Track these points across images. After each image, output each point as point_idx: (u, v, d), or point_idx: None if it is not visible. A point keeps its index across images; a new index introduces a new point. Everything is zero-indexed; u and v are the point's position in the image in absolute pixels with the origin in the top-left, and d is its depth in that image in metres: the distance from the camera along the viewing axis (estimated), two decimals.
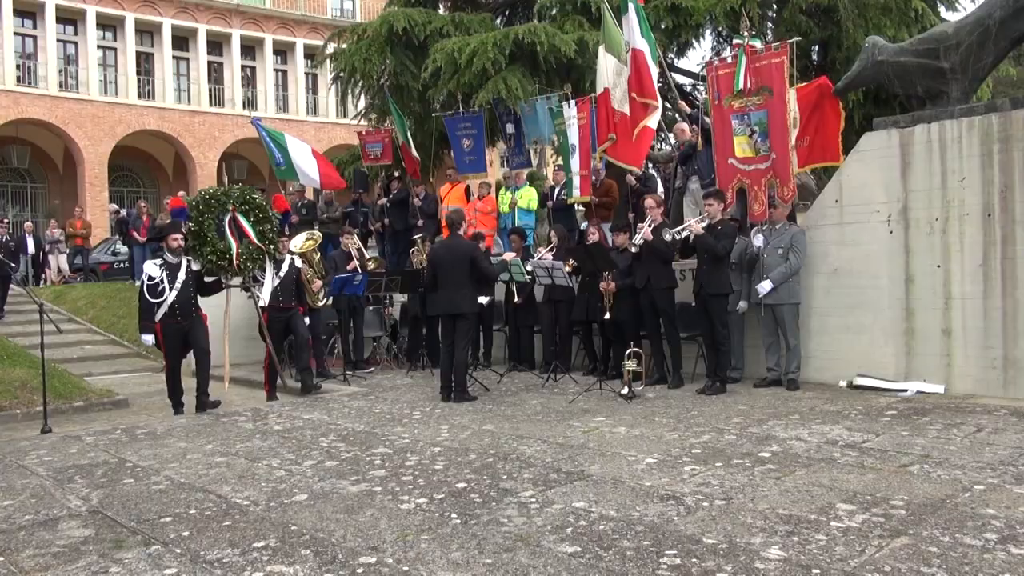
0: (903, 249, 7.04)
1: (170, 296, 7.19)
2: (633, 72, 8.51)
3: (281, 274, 8.25)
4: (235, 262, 7.60)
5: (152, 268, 7.26)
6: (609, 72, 8.77)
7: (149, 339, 7.33)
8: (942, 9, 12.08)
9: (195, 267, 7.46)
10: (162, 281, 7.19)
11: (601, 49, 8.88)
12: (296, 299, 8.47)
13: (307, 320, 8.85)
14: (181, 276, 7.27)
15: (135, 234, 14.92)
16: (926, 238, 6.91)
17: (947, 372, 6.77)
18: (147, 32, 25.76)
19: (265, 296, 8.14)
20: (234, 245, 7.58)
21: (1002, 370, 6.48)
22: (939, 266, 6.83)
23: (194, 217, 7.49)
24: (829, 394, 6.89)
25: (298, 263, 8.64)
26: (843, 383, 7.22)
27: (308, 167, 11.62)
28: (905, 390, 6.80)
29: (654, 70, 8.44)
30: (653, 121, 8.61)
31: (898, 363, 7.03)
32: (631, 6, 8.37)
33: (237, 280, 7.93)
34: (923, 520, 3.54)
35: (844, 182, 7.45)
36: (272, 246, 7.99)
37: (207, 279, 7.65)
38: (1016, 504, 3.71)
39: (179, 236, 7.36)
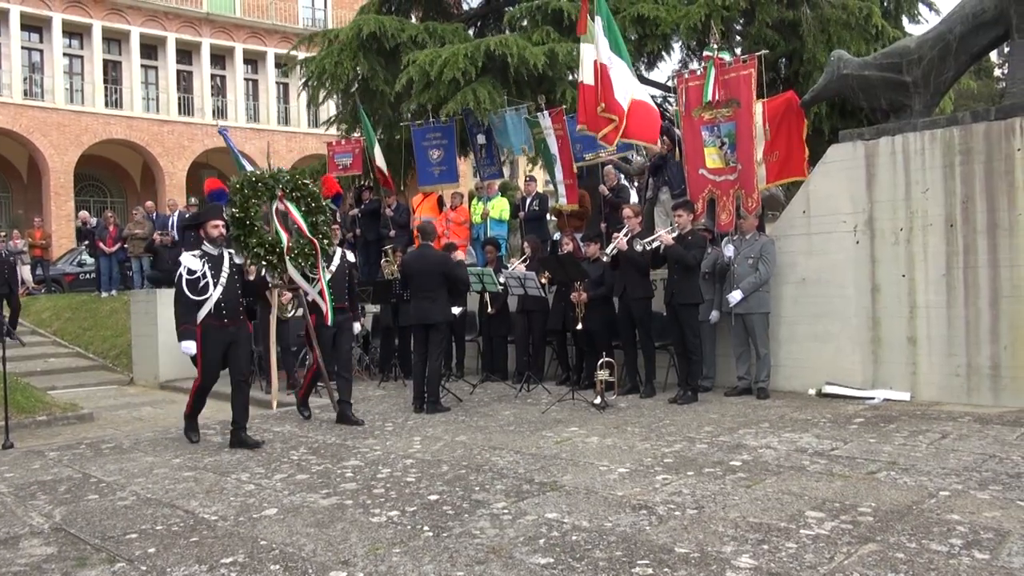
0: (869, 259, 7.16)
1: (215, 293, 5.94)
2: (599, 86, 8.48)
3: (332, 268, 7.08)
4: (285, 257, 6.57)
5: (191, 260, 6.02)
6: (589, 68, 8.62)
7: (191, 347, 5.90)
8: (905, 21, 12.36)
9: (238, 261, 6.29)
10: (204, 275, 5.94)
11: (583, 45, 8.73)
12: (348, 299, 7.33)
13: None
14: (226, 269, 6.04)
15: (101, 245, 14.68)
16: (891, 248, 7.03)
17: (913, 380, 6.88)
18: (115, 40, 25.45)
19: (319, 296, 7.00)
20: (284, 237, 6.56)
21: (965, 377, 6.61)
22: (904, 275, 6.96)
23: (238, 202, 6.45)
24: (798, 402, 6.97)
25: (350, 257, 7.56)
26: (812, 391, 7.31)
27: None
28: (872, 398, 6.90)
29: (625, 83, 8.43)
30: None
31: (865, 371, 7.14)
32: (599, 20, 8.35)
33: (286, 308, 7.02)
34: (890, 526, 3.58)
35: (811, 193, 7.56)
36: (326, 240, 6.97)
37: (248, 276, 6.55)
38: (980, 510, 3.78)
39: (220, 223, 6.13)
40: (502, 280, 8.61)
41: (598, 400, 7.00)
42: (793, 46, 11.51)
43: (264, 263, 6.49)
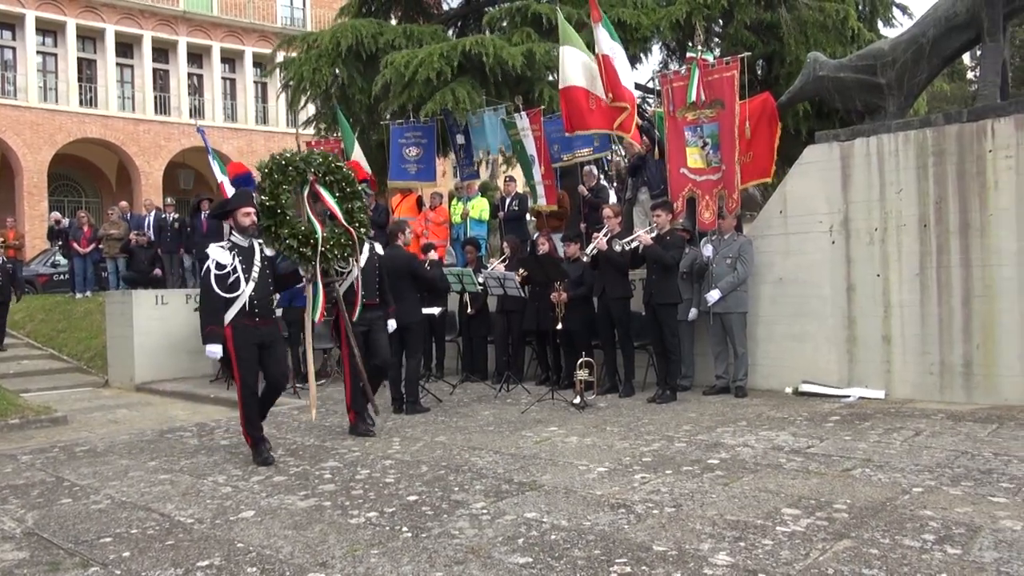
0: (844, 259, 7.24)
1: (247, 288, 5.32)
2: (604, 77, 8.58)
3: (362, 262, 6.33)
4: (321, 249, 5.79)
5: (220, 253, 5.37)
6: (577, 69, 8.68)
7: (217, 350, 5.28)
8: (880, 25, 12.52)
9: (269, 253, 5.64)
10: (235, 269, 5.32)
11: (563, 48, 8.80)
12: (380, 295, 6.65)
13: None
14: (257, 263, 5.43)
15: (75, 245, 14.49)
16: (866, 248, 7.12)
17: (887, 378, 6.97)
18: (89, 38, 25.12)
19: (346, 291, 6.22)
20: (318, 227, 5.82)
21: (939, 375, 6.71)
22: (879, 275, 7.04)
23: (267, 188, 5.70)
24: (776, 401, 7.03)
25: (379, 249, 6.83)
26: (789, 390, 7.38)
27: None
28: (848, 396, 6.98)
29: (625, 73, 8.54)
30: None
31: (841, 370, 7.22)
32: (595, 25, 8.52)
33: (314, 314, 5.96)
34: (865, 523, 3.63)
35: (788, 193, 7.63)
36: (363, 229, 6.17)
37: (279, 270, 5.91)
38: (952, 505, 3.83)
39: (252, 210, 5.49)
40: (481, 280, 8.61)
41: (577, 400, 7.02)
42: (771, 48, 11.62)
43: (297, 256, 5.74)
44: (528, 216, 11.26)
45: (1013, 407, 6.22)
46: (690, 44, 9.22)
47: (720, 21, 12.23)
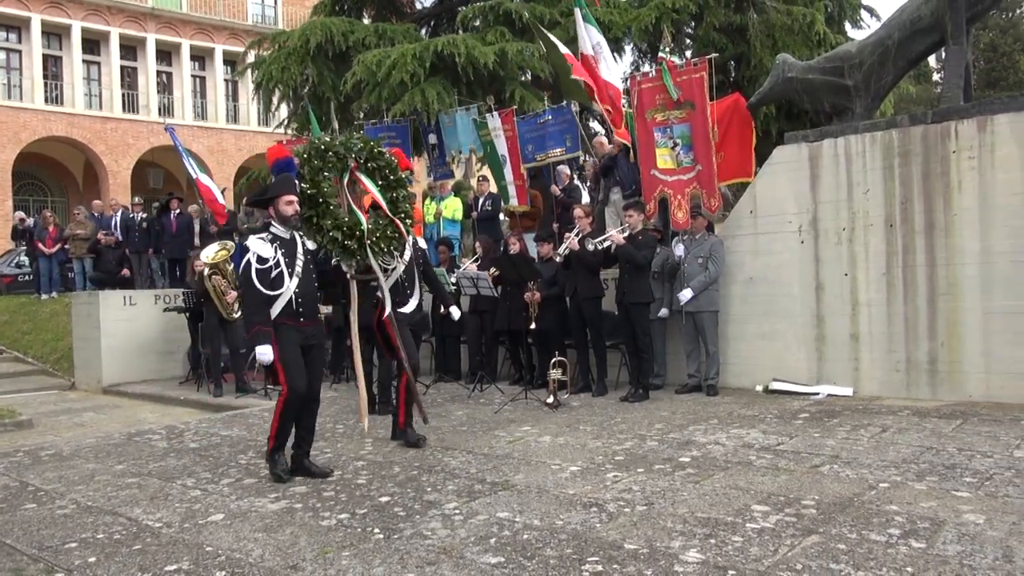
0: (813, 258, 7.33)
1: (291, 284, 4.82)
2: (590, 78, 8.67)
3: (405, 258, 5.79)
4: (367, 242, 5.23)
5: (261, 245, 4.83)
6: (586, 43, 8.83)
7: (267, 353, 4.69)
8: (848, 27, 12.71)
9: (310, 246, 5.13)
10: (278, 263, 4.82)
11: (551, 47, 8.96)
12: (435, 289, 6.30)
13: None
14: (300, 256, 4.95)
15: (40, 245, 14.21)
16: (834, 248, 7.22)
17: (855, 375, 7.07)
18: (55, 34, 24.66)
19: (387, 289, 5.63)
20: (363, 218, 5.29)
21: (905, 372, 6.82)
22: (847, 274, 7.15)
23: (307, 176, 5.14)
24: (746, 399, 7.11)
25: (421, 243, 6.40)
26: (759, 388, 7.46)
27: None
28: (817, 393, 7.07)
29: (609, 69, 8.61)
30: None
31: (810, 368, 7.31)
32: (577, 12, 8.60)
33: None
34: (832, 518, 3.68)
35: (758, 194, 7.72)
36: (409, 220, 5.67)
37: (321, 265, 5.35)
38: (917, 500, 3.90)
39: (295, 198, 4.95)
40: (455, 280, 8.59)
41: (551, 399, 7.04)
42: (741, 50, 11.75)
43: (341, 250, 5.17)
44: (501, 216, 11.26)
45: (976, 403, 6.35)
46: (660, 46, 9.30)
47: (691, 24, 12.35)
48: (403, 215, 5.54)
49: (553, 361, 7.20)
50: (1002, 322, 6.36)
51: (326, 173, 5.22)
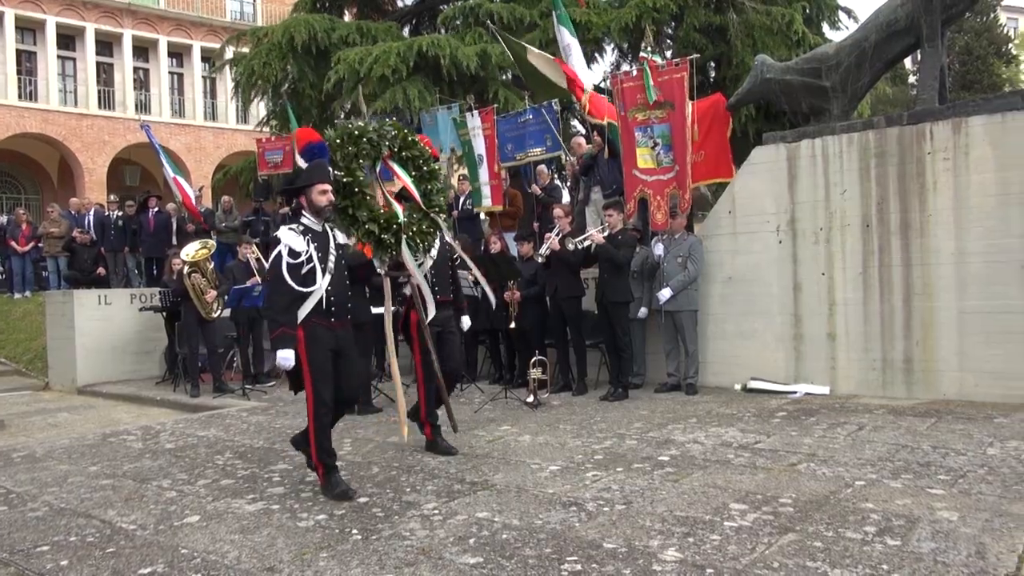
0: (791, 258, 7.39)
1: (323, 281, 4.42)
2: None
3: (434, 253, 5.40)
4: (403, 236, 4.92)
5: (292, 237, 4.40)
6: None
7: (289, 358, 4.33)
8: (826, 28, 12.82)
9: (342, 240, 4.72)
10: (311, 258, 4.41)
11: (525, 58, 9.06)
12: (453, 290, 5.81)
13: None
14: (333, 252, 4.55)
15: (12, 243, 14.00)
16: (812, 247, 7.28)
17: (832, 374, 7.14)
18: (29, 30, 24.26)
19: (425, 287, 5.32)
20: (399, 209, 4.99)
21: (881, 371, 6.89)
22: (824, 274, 7.21)
23: (341, 163, 4.78)
24: (725, 397, 7.15)
25: (448, 237, 5.97)
26: (738, 387, 7.51)
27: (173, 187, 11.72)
28: (794, 392, 7.13)
29: (580, 70, 8.67)
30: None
31: (788, 366, 7.37)
32: (555, 15, 8.64)
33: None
34: (809, 516, 3.71)
35: (737, 194, 7.76)
36: (442, 213, 5.38)
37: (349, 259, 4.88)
38: (892, 498, 3.94)
39: (330, 187, 4.56)
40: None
41: (531, 398, 7.04)
42: (721, 50, 11.81)
43: (375, 244, 4.85)
44: (481, 215, 11.25)
45: (951, 401, 6.43)
46: (642, 46, 9.34)
47: (671, 24, 12.40)
48: (437, 209, 5.24)
49: (533, 360, 7.20)
50: (975, 322, 6.45)
51: (360, 160, 4.88)
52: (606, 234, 7.39)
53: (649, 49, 8.68)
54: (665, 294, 7.49)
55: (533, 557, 3.33)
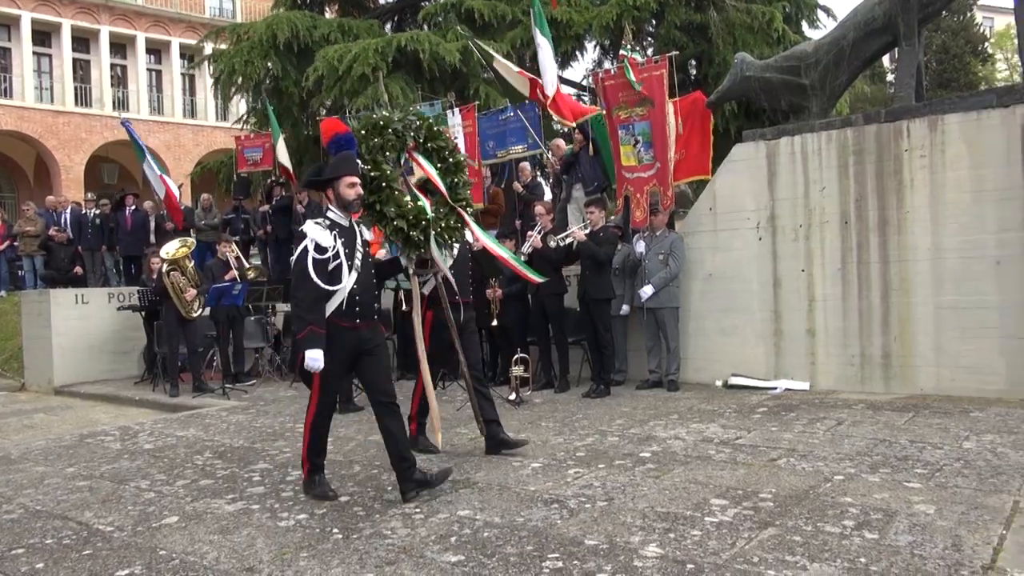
0: (771, 255, 7.44)
1: (348, 280, 4.24)
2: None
3: (454, 252, 5.16)
4: (432, 232, 4.69)
5: (319, 231, 4.19)
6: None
7: (318, 359, 4.09)
8: (805, 27, 12.91)
9: (368, 236, 4.55)
10: (338, 254, 4.21)
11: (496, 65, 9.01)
12: (473, 290, 5.57)
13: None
14: (359, 248, 4.35)
15: None
16: (791, 244, 7.33)
17: (812, 370, 7.20)
18: (3, 25, 23.90)
19: (454, 283, 5.17)
20: (427, 204, 4.74)
21: (859, 366, 6.96)
22: (803, 270, 7.26)
23: (367, 155, 4.55)
24: (706, 394, 7.19)
25: (469, 237, 5.63)
26: (719, 383, 7.55)
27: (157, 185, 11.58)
28: (775, 388, 7.18)
29: (550, 74, 8.65)
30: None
31: (768, 362, 7.42)
32: (531, 12, 8.64)
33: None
34: (788, 511, 3.73)
35: (717, 191, 7.80)
36: (469, 208, 5.11)
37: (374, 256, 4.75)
38: (871, 492, 3.98)
39: (359, 180, 4.34)
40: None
41: (513, 396, 7.03)
42: (701, 48, 11.86)
43: (403, 240, 4.63)
44: None
45: (928, 396, 6.51)
46: (623, 43, 9.36)
47: (653, 22, 12.44)
48: (464, 203, 5.00)
49: (515, 358, 7.20)
50: (951, 317, 6.52)
51: (388, 152, 4.65)
52: (588, 231, 7.41)
53: (630, 47, 8.70)
54: (647, 291, 7.51)
55: (515, 555, 3.33)
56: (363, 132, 4.60)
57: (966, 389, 6.41)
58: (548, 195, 10.38)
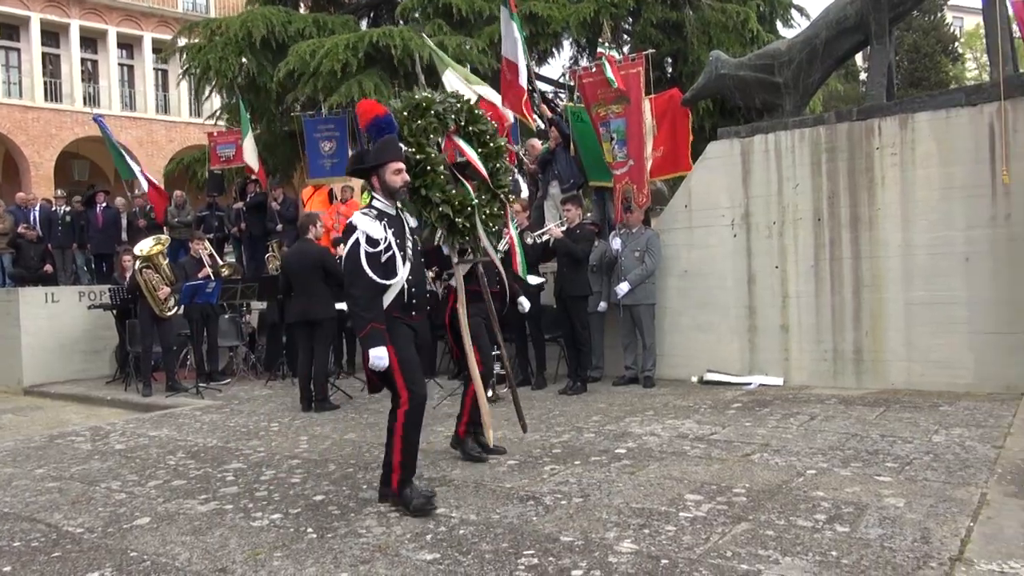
0: (745, 251, 7.50)
1: (403, 271, 4.01)
2: (503, 82, 8.64)
3: (503, 242, 5.20)
4: (477, 219, 4.52)
5: (369, 223, 3.97)
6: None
7: (382, 356, 3.87)
8: (779, 25, 13.01)
9: (413, 224, 4.31)
10: (390, 245, 3.99)
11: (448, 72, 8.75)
12: (499, 280, 5.38)
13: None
14: (409, 237, 4.15)
15: None
16: (765, 241, 7.39)
17: (785, 365, 7.27)
18: None
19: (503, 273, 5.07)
20: (471, 190, 4.56)
21: (832, 362, 7.04)
22: (777, 267, 7.33)
23: (410, 138, 4.33)
24: (682, 390, 7.23)
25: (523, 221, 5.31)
26: (695, 379, 7.60)
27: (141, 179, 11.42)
28: (749, 383, 7.25)
29: (522, 74, 8.56)
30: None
31: (743, 358, 7.48)
32: (503, 11, 8.57)
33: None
34: (761, 506, 3.77)
35: (692, 188, 7.85)
36: (512, 196, 4.98)
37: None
38: (842, 486, 4.03)
39: (403, 166, 4.12)
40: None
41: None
42: (677, 46, 11.91)
43: (447, 228, 4.43)
44: None
45: (899, 391, 6.60)
46: (600, 41, 9.38)
47: (630, 19, 12.48)
48: (506, 190, 4.81)
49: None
50: (922, 313, 6.62)
51: (431, 135, 4.44)
52: (564, 228, 7.42)
53: (607, 44, 8.72)
54: (623, 288, 7.54)
55: (490, 552, 3.33)
56: (405, 114, 4.38)
57: (936, 383, 6.51)
58: (525, 192, 10.37)
